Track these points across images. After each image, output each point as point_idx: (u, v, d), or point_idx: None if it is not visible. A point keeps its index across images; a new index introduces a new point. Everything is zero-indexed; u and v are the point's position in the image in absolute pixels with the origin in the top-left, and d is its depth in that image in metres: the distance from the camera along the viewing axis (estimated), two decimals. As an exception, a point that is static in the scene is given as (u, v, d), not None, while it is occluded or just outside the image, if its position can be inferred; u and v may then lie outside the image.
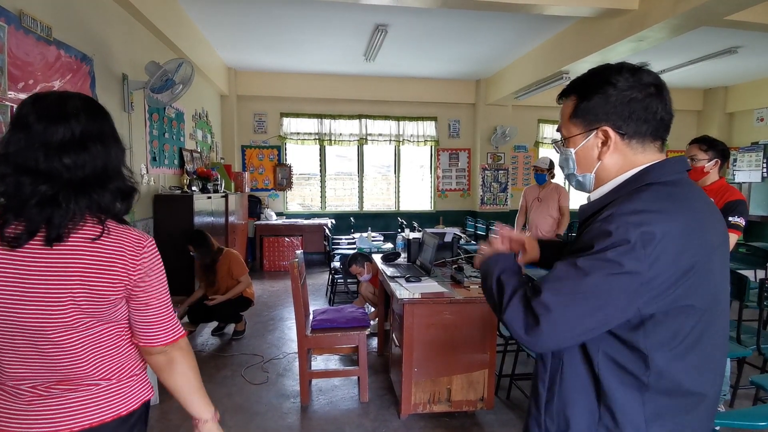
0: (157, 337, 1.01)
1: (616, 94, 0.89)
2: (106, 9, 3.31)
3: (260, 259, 6.85)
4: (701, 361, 0.85)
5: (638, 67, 0.91)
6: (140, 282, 0.97)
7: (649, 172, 0.88)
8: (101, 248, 0.92)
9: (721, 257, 0.87)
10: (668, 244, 0.79)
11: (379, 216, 7.74)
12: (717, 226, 0.88)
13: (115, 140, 1.01)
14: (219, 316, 3.96)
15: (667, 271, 0.79)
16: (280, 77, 7.00)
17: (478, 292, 2.65)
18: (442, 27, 4.97)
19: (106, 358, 0.99)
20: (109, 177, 0.97)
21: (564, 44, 5.15)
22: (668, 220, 0.80)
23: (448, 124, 7.80)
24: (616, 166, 0.92)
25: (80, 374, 0.96)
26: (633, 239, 0.78)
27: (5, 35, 2.25)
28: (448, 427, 2.59)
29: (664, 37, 4.09)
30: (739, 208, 2.42)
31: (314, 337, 2.86)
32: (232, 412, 2.74)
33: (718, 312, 0.87)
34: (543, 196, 4.44)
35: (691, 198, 0.87)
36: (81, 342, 0.95)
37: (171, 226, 4.12)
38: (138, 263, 0.96)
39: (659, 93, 0.89)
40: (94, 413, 0.98)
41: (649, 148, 0.92)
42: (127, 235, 0.97)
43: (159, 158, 4.31)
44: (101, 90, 3.21)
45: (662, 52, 5.47)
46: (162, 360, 1.03)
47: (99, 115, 0.99)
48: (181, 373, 1.05)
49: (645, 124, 0.89)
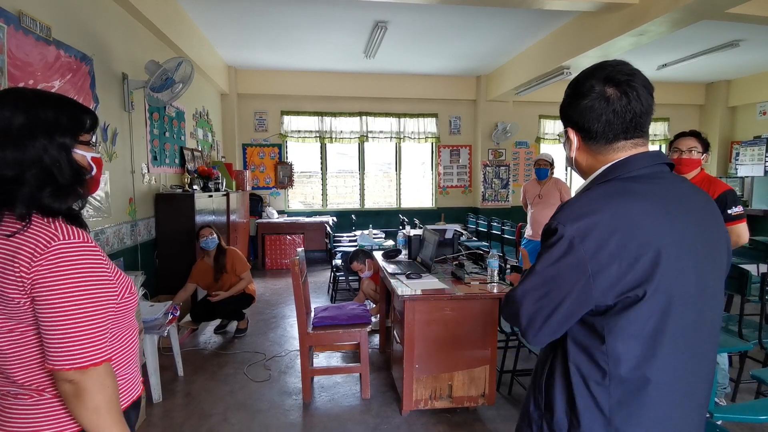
0: (60, 358, 0.85)
1: (581, 98, 0.95)
2: (105, 8, 3.31)
3: (262, 257, 6.87)
4: (666, 349, 0.86)
5: (606, 75, 0.93)
6: (38, 285, 0.84)
7: (614, 169, 0.94)
8: (10, 245, 0.86)
9: (692, 247, 0.88)
10: (605, 237, 0.84)
11: (381, 213, 7.74)
12: (690, 216, 0.90)
13: (37, 131, 0.90)
14: (222, 314, 3.98)
15: (612, 263, 0.84)
16: (281, 75, 7.00)
17: (479, 288, 2.65)
18: (442, 23, 4.96)
19: (36, 366, 0.90)
20: (23, 173, 0.88)
21: (564, 39, 5.13)
22: (604, 214, 0.86)
23: (449, 120, 7.78)
24: (585, 163, 1.00)
25: (15, 379, 0.90)
26: (569, 234, 0.86)
27: (5, 35, 2.26)
28: (450, 423, 2.60)
29: (665, 31, 4.07)
30: (730, 197, 2.44)
31: (316, 335, 2.87)
32: (235, 409, 2.76)
33: (691, 301, 0.87)
34: (544, 192, 4.35)
35: (651, 191, 0.89)
36: (7, 343, 0.89)
37: (173, 225, 4.13)
38: (35, 263, 0.84)
39: (629, 93, 0.91)
40: (26, 426, 0.91)
41: (621, 146, 0.95)
42: (39, 233, 0.87)
43: (160, 157, 4.32)
44: (101, 89, 3.21)
45: (663, 46, 5.44)
46: (68, 389, 0.87)
47: (10, 109, 0.89)
48: (90, 409, 0.88)
49: (609, 126, 0.94)
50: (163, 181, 4.37)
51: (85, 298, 0.87)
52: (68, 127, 0.94)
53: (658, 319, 0.86)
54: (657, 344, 0.86)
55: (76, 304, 0.86)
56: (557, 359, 0.96)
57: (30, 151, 0.89)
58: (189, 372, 3.26)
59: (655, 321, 0.86)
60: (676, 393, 0.89)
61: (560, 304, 0.88)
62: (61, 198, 0.92)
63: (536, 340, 0.92)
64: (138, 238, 3.77)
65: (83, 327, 0.87)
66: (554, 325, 0.90)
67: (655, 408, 0.87)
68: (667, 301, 0.85)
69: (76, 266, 0.87)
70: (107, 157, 3.27)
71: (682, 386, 0.89)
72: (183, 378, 3.17)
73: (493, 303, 2.60)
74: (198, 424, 2.60)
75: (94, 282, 0.89)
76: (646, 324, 0.86)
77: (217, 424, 2.59)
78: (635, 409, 0.87)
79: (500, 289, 2.63)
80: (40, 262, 0.85)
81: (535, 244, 4.48)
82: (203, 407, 2.78)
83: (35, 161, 0.89)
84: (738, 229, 2.43)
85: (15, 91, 0.95)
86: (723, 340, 2.58)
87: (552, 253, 0.89)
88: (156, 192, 4.16)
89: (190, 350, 3.65)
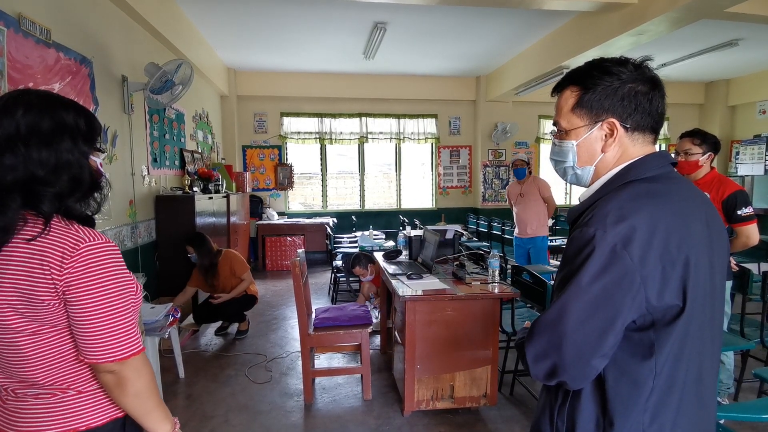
0: (100, 352, 0.90)
1: (620, 86, 0.89)
2: (104, 11, 3.31)
3: (263, 258, 6.87)
4: (688, 350, 0.85)
5: (640, 61, 0.92)
6: (72, 288, 0.88)
7: (630, 170, 0.89)
8: (34, 249, 0.88)
9: (707, 248, 0.86)
10: (648, 240, 0.79)
11: (381, 214, 7.74)
12: (704, 220, 0.88)
13: (65, 135, 0.92)
14: (223, 315, 3.97)
15: (657, 268, 0.79)
16: (280, 77, 7.00)
17: (480, 288, 2.65)
18: (441, 24, 4.96)
19: (60, 365, 0.94)
20: (53, 174, 0.90)
21: (564, 39, 5.14)
22: (643, 217, 0.80)
23: (449, 121, 7.79)
24: (615, 158, 0.93)
25: (37, 380, 0.93)
26: (610, 240, 0.79)
27: (4, 38, 2.26)
28: (452, 424, 2.59)
29: (664, 31, 4.07)
30: (740, 198, 2.42)
31: (317, 336, 2.86)
32: (236, 411, 2.75)
33: (707, 301, 0.86)
34: (524, 191, 4.61)
35: (671, 192, 0.87)
36: (31, 346, 0.91)
37: (173, 227, 4.13)
38: (66, 266, 0.87)
39: (659, 87, 0.91)
40: (48, 424, 0.94)
41: (645, 141, 0.93)
42: (65, 235, 0.89)
43: (160, 159, 4.32)
44: (101, 92, 3.22)
45: (662, 45, 5.44)
46: (110, 380, 0.93)
47: (37, 109, 0.90)
48: (132, 395, 0.94)
49: (648, 117, 0.90)
50: (163, 183, 4.37)
51: (115, 295, 0.92)
52: (87, 134, 0.97)
53: (688, 322, 0.83)
54: (684, 346, 0.83)
55: (109, 301, 0.91)
56: (585, 387, 0.88)
57: (61, 154, 0.91)
58: (190, 374, 3.26)
59: (686, 325, 0.82)
60: (695, 394, 0.87)
61: (612, 324, 0.79)
62: (85, 202, 0.97)
63: (585, 374, 0.82)
64: (138, 240, 3.76)
65: (117, 322, 0.92)
66: (607, 351, 0.80)
67: (679, 411, 0.85)
68: (696, 308, 0.83)
69: (104, 266, 0.91)
70: (107, 160, 3.27)
71: (698, 386, 0.88)
72: (184, 380, 3.17)
73: (494, 303, 2.60)
74: (200, 425, 2.59)
75: (121, 279, 0.94)
76: (681, 330, 0.82)
77: (219, 426, 2.59)
78: (664, 417, 0.84)
79: (501, 289, 2.63)
80: (72, 264, 0.88)
81: (519, 241, 4.72)
82: (205, 409, 2.78)
83: (65, 164, 0.91)
84: (748, 230, 2.41)
85: (35, 92, 0.94)
86: (725, 340, 2.58)
87: (591, 266, 0.79)
88: (156, 194, 4.15)
89: (191, 352, 3.65)
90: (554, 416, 0.93)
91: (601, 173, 0.95)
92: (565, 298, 0.83)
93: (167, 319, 2.87)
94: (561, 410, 0.92)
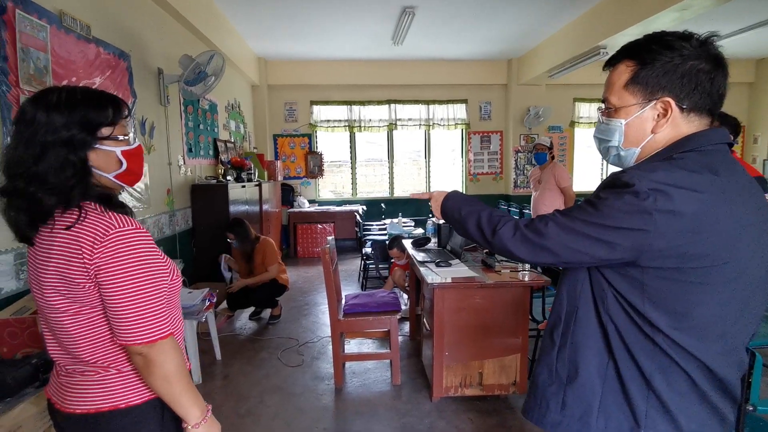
0: (129, 334, 0.94)
1: (682, 63, 0.83)
2: (139, 5, 3.41)
3: (294, 246, 7.01)
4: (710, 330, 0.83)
5: (706, 37, 0.85)
6: (102, 271, 0.92)
7: (690, 140, 0.85)
8: (72, 235, 0.94)
9: (753, 235, 0.82)
10: (684, 216, 0.77)
11: (410, 201, 7.70)
12: (751, 202, 0.83)
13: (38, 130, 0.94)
14: (256, 301, 4.09)
15: (676, 239, 0.78)
16: (309, 65, 7.04)
17: (510, 276, 2.62)
18: (471, 6, 4.84)
19: (101, 344, 0.99)
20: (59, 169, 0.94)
21: (601, 17, 4.91)
22: (692, 192, 0.77)
23: (479, 106, 7.64)
24: (665, 139, 0.88)
25: (82, 358, 1.00)
26: (646, 191, 0.78)
27: (48, 35, 2.37)
28: (480, 411, 2.60)
29: (711, 5, 3.83)
30: (763, 186, 2.33)
31: (347, 321, 2.91)
32: (271, 392, 2.85)
33: (741, 285, 0.83)
34: (543, 177, 4.28)
35: (726, 171, 0.82)
36: (75, 325, 0.98)
37: (208, 215, 4.26)
38: (97, 251, 0.92)
39: (723, 67, 0.84)
40: (92, 399, 1.00)
41: (701, 124, 0.87)
42: (96, 222, 0.94)
43: (195, 149, 4.45)
44: (139, 85, 3.33)
45: (708, 20, 5.12)
46: (139, 362, 0.97)
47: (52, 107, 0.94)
48: (161, 377, 0.97)
49: (708, 98, 0.85)
50: (198, 173, 4.50)
51: (144, 279, 0.95)
52: (85, 124, 0.96)
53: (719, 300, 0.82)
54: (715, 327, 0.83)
55: (137, 285, 0.94)
56: (586, 327, 0.91)
57: (51, 155, 0.93)
58: (226, 356, 3.39)
59: (732, 289, 0.82)
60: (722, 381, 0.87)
61: (602, 242, 0.82)
62: (85, 190, 0.96)
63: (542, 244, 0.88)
64: (176, 227, 3.91)
65: (145, 305, 0.95)
66: (577, 254, 0.86)
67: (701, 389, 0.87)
68: (731, 284, 0.81)
69: (133, 251, 0.94)
70: (146, 151, 3.40)
71: None
72: (221, 362, 3.30)
73: (524, 291, 2.56)
74: (237, 405, 2.70)
75: (150, 264, 0.97)
76: (725, 288, 0.81)
77: (255, 407, 2.69)
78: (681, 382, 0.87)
79: (531, 277, 2.59)
80: (102, 249, 0.92)
81: None
82: (241, 390, 2.89)
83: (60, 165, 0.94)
84: None
85: (42, 93, 0.98)
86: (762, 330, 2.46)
87: (622, 199, 0.80)
88: (192, 183, 4.29)
89: (227, 335, 3.79)
90: (554, 362, 0.94)
91: (646, 154, 0.91)
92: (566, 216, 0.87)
93: (204, 304, 2.98)
94: (561, 354, 0.92)
